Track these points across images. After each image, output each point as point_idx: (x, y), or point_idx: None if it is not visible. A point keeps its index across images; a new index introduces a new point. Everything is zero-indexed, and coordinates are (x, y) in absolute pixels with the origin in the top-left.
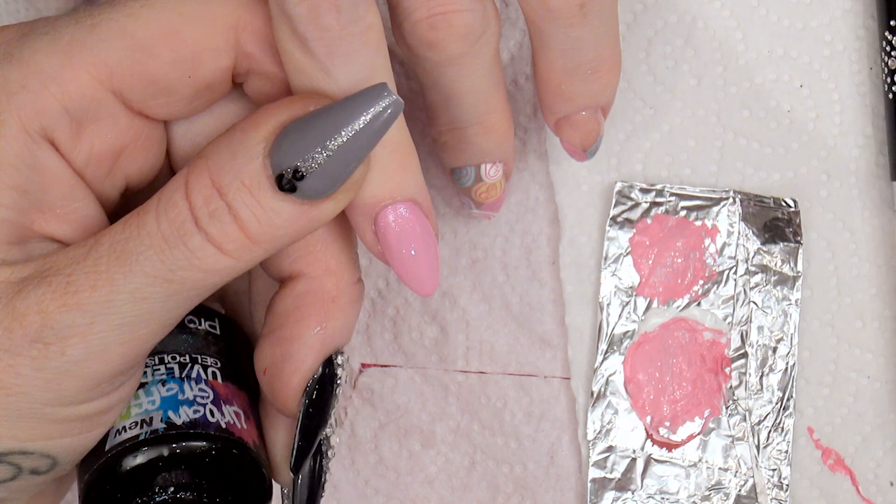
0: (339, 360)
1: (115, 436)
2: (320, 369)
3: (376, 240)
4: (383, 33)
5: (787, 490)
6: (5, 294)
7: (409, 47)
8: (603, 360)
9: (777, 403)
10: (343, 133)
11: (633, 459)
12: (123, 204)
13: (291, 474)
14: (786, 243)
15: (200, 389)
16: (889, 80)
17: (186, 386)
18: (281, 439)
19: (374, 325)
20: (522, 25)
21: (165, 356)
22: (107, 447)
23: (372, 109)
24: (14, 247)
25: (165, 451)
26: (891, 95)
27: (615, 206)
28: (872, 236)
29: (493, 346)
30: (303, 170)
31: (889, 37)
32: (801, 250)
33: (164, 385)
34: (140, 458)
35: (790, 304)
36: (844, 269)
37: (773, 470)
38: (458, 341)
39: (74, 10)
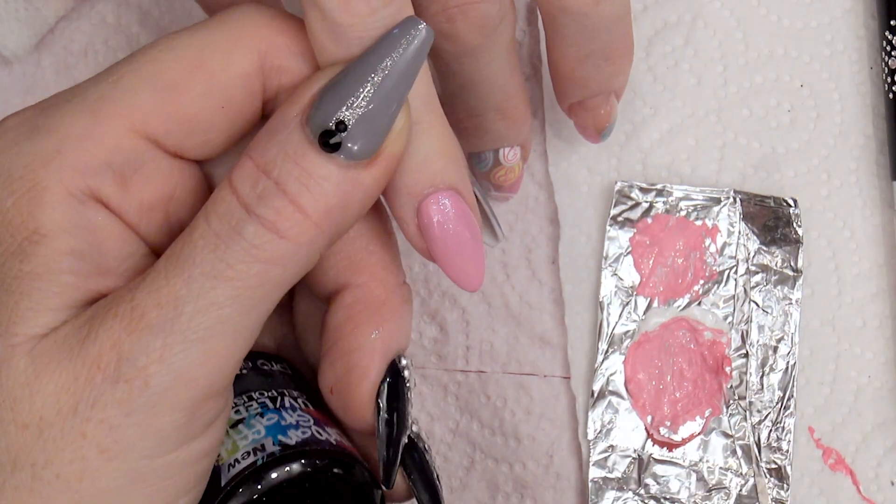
0: (404, 362)
1: (229, 470)
2: (387, 376)
3: (419, 233)
4: (412, 11)
5: (787, 490)
6: (76, 344)
7: None
8: (603, 360)
9: (778, 403)
10: (379, 70)
11: (634, 459)
12: None
13: (387, 488)
14: (786, 243)
15: (299, 415)
16: (889, 79)
17: (285, 413)
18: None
19: None
20: (523, 25)
21: (253, 394)
22: (223, 483)
23: (404, 40)
24: (80, 310)
25: (287, 470)
26: (891, 95)
27: (615, 205)
28: (873, 235)
29: (493, 346)
30: (344, 119)
31: (889, 36)
32: (801, 249)
33: (262, 416)
34: (265, 483)
35: (791, 304)
36: (845, 268)
37: (774, 469)
38: (458, 341)
39: (95, 75)
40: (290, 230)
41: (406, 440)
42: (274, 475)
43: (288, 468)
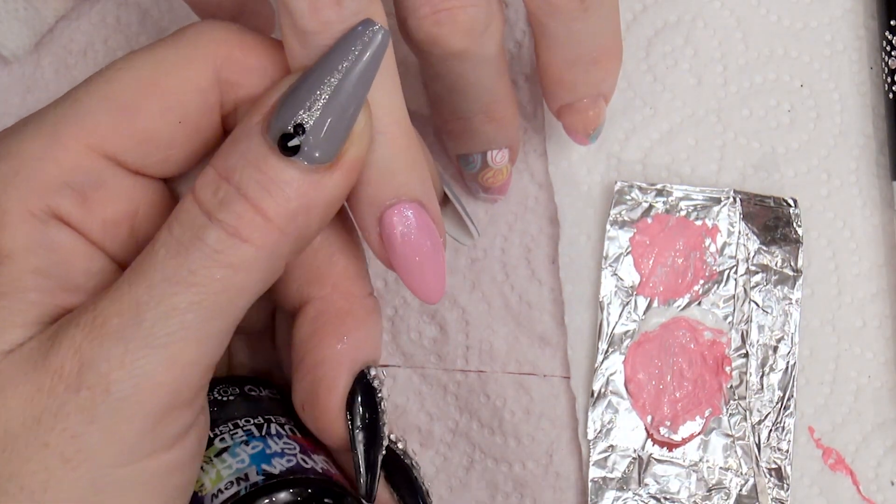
0: (373, 372)
1: (212, 500)
2: (356, 387)
3: (381, 244)
4: (386, 22)
5: (787, 490)
6: (40, 357)
7: (414, 42)
8: (603, 360)
9: (777, 403)
10: (335, 73)
11: (634, 459)
12: None
13: (368, 503)
14: (786, 243)
15: (285, 443)
16: (889, 79)
17: (271, 441)
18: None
19: None
20: (523, 26)
21: (239, 421)
22: None
23: (359, 42)
24: (46, 326)
25: (270, 500)
26: (891, 95)
27: (615, 205)
28: (873, 235)
29: (493, 346)
30: (302, 122)
31: (889, 36)
32: (801, 249)
33: (247, 444)
34: None
35: (790, 304)
36: (845, 268)
37: (774, 469)
38: (458, 341)
39: (55, 100)
40: (252, 235)
41: (384, 452)
42: None
43: (271, 499)
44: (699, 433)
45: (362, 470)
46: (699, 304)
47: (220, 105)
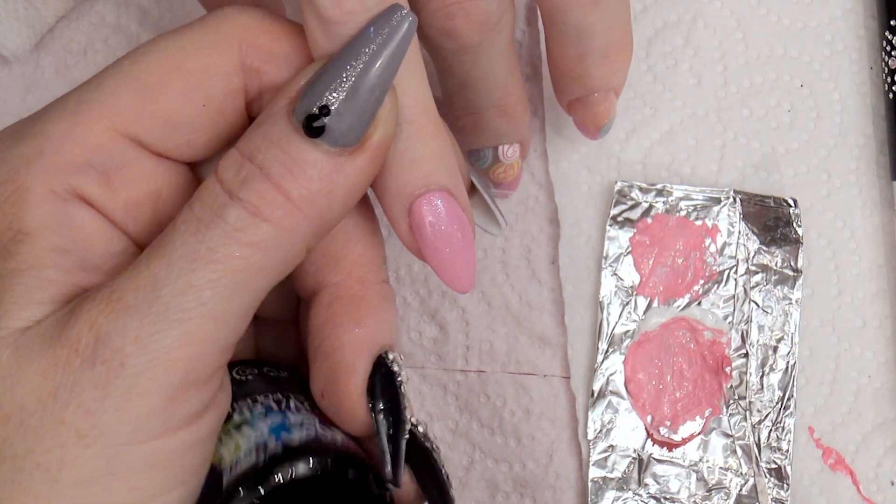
0: (391, 356)
1: (231, 470)
2: (375, 371)
3: (411, 234)
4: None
5: (787, 489)
6: (57, 332)
7: (426, 36)
8: (603, 360)
9: (777, 403)
10: (361, 56)
11: (634, 459)
12: None
13: (395, 487)
14: (786, 243)
15: (304, 416)
16: (889, 79)
17: (290, 414)
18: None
19: None
20: (522, 25)
21: (258, 397)
22: (224, 485)
23: (387, 27)
24: (64, 305)
25: (290, 469)
26: (891, 95)
27: (615, 205)
28: (873, 235)
29: (493, 346)
30: (328, 103)
31: (889, 36)
32: (801, 249)
33: (266, 417)
34: (266, 483)
35: (790, 304)
36: (845, 268)
37: (774, 469)
38: (458, 341)
39: (81, 83)
40: (272, 214)
41: (408, 436)
42: (277, 476)
43: (291, 468)
44: (699, 433)
45: (388, 455)
46: (699, 304)
47: (245, 91)
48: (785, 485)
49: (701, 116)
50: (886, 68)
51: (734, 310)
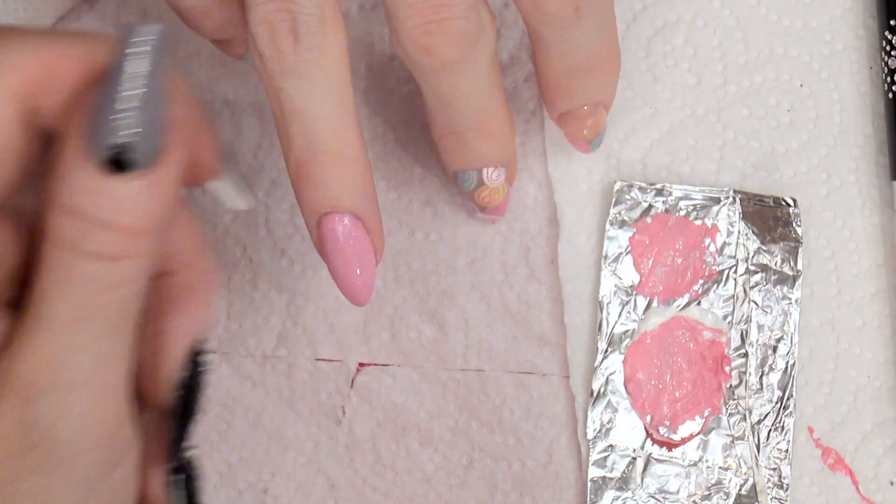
0: (201, 347)
1: None
2: (186, 363)
3: (320, 244)
4: (345, 53)
5: (787, 489)
6: None
7: (405, 53)
8: (603, 359)
9: (777, 402)
10: (123, 80)
11: (633, 458)
12: None
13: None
14: (786, 242)
15: None
16: (889, 79)
17: None
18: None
19: (371, 324)
20: (522, 26)
21: None
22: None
23: (132, 49)
24: None
25: None
26: (891, 95)
27: (615, 205)
28: (872, 235)
29: (492, 345)
30: (123, 139)
31: (889, 36)
32: (800, 249)
33: None
34: None
35: (790, 303)
36: (844, 267)
37: (773, 469)
38: (457, 340)
39: None
40: (122, 251)
41: (196, 420)
42: None
43: None
44: (698, 433)
45: (171, 434)
46: (699, 303)
47: (31, 129)
48: (784, 485)
49: (701, 116)
50: (886, 68)
51: (734, 309)
